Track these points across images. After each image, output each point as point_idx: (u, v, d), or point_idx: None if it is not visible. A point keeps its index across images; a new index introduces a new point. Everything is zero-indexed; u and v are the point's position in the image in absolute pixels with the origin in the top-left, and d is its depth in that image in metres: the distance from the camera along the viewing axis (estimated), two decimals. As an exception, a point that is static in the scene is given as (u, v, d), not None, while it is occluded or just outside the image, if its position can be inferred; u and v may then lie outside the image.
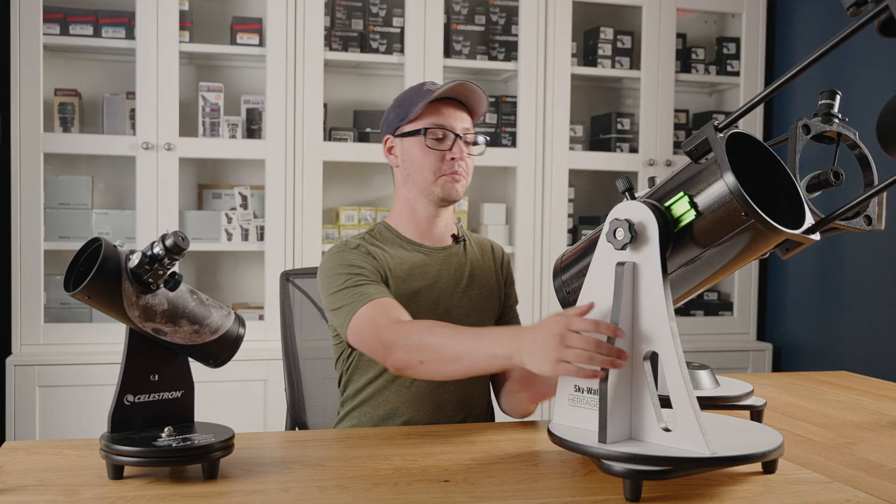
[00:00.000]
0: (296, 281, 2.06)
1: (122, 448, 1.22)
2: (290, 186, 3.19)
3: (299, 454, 1.44)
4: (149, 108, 3.07)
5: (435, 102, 1.71)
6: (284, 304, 2.05)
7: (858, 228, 1.35)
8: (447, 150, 1.70)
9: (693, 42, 3.76)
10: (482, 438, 1.52)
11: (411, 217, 1.78)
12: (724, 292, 3.79)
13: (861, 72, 3.25)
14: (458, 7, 3.40)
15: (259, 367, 3.10)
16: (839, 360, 3.33)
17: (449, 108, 1.72)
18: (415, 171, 1.73)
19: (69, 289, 1.23)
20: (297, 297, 2.06)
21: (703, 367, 1.65)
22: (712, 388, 1.63)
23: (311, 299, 2.06)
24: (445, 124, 1.70)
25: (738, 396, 1.60)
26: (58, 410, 2.95)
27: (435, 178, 1.71)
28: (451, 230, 1.83)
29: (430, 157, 1.70)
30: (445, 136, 1.71)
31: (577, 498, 1.20)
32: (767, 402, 1.91)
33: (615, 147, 3.57)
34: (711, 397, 1.59)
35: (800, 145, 1.33)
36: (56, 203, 3.13)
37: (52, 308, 3.15)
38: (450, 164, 1.70)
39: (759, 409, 1.64)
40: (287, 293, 2.05)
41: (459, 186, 1.73)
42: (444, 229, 1.80)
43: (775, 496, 1.22)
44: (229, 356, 1.37)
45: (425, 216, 1.77)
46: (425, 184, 1.72)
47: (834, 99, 1.40)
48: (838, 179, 1.35)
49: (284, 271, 2.10)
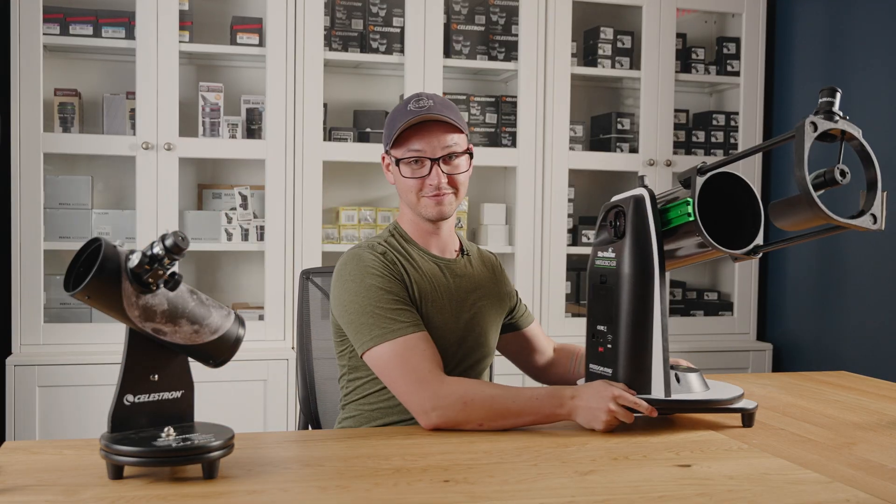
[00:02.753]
0: (315, 280, 2.09)
1: (122, 448, 1.22)
2: (290, 186, 3.19)
3: (299, 454, 1.44)
4: (149, 108, 3.07)
5: (414, 126, 1.71)
6: (302, 301, 2.08)
7: (864, 227, 1.38)
8: (426, 175, 1.73)
9: (693, 42, 3.76)
10: (482, 438, 1.52)
11: (416, 227, 1.81)
12: (724, 292, 3.79)
13: (861, 71, 3.25)
14: (458, 7, 3.40)
15: (259, 367, 3.10)
16: (839, 360, 3.33)
17: (424, 133, 1.72)
18: (403, 192, 1.78)
19: (69, 289, 1.23)
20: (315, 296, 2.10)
21: (692, 370, 1.64)
22: (702, 392, 1.62)
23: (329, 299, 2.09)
24: (420, 150, 1.72)
25: (729, 400, 1.59)
26: (58, 410, 2.95)
27: (418, 201, 1.75)
28: (455, 243, 1.87)
29: (410, 182, 1.74)
30: (423, 163, 1.72)
31: (577, 498, 1.20)
32: (765, 402, 1.90)
33: (615, 147, 3.57)
34: (702, 401, 1.59)
35: (808, 143, 1.35)
36: (56, 203, 3.13)
37: (52, 308, 3.15)
38: (430, 188, 1.73)
39: (751, 413, 1.62)
40: (306, 291, 2.08)
41: (445, 206, 1.75)
42: (447, 240, 1.84)
43: (775, 496, 1.22)
44: (229, 356, 1.37)
45: (427, 228, 1.81)
46: (412, 205, 1.77)
47: (834, 96, 1.40)
48: (844, 177, 1.37)
49: (304, 270, 2.12)
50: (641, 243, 1.57)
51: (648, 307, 1.56)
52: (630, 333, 1.57)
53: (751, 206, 1.58)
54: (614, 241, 1.60)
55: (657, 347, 1.57)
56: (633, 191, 1.62)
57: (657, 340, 1.57)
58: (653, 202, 1.59)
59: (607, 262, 1.61)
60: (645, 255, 1.57)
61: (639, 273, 1.56)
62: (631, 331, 1.57)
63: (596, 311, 1.64)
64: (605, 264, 1.62)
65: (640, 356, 1.57)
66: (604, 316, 1.62)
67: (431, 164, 1.72)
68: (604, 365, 1.62)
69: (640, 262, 1.56)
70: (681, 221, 1.55)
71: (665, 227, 1.59)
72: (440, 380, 1.58)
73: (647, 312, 1.56)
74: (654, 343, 1.57)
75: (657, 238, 1.57)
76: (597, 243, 1.66)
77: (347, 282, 1.70)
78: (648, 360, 1.57)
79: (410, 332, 1.63)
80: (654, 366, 1.56)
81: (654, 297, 1.56)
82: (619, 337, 1.58)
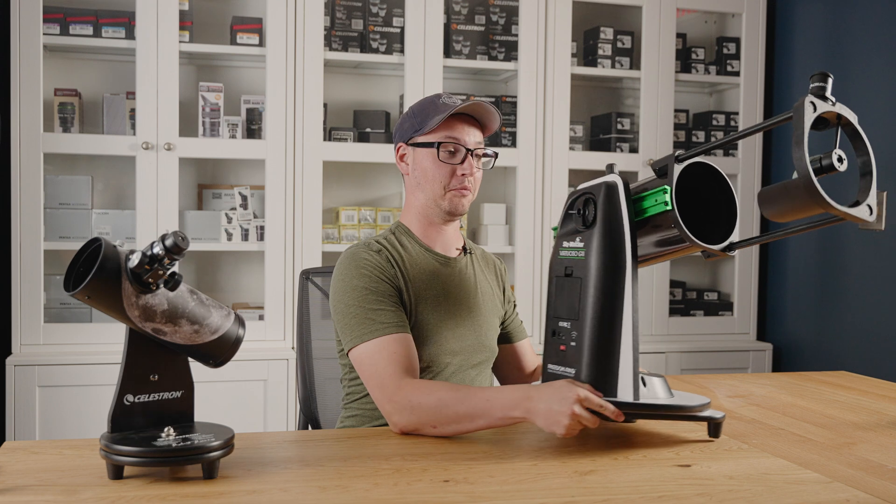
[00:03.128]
0: (315, 280, 2.09)
1: (122, 448, 1.22)
2: (290, 186, 3.19)
3: (299, 454, 1.44)
4: (149, 108, 3.07)
5: (450, 117, 1.75)
6: (302, 301, 2.09)
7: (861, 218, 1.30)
8: (458, 164, 1.74)
9: (693, 42, 3.76)
10: (482, 438, 1.52)
11: (422, 223, 1.81)
12: (724, 292, 3.79)
13: (861, 71, 3.25)
14: (458, 7, 3.40)
15: (259, 367, 3.10)
16: (839, 360, 3.33)
17: (462, 124, 1.76)
18: (426, 181, 1.77)
19: (69, 289, 1.23)
20: (315, 296, 2.09)
21: (656, 374, 1.53)
22: (668, 398, 1.50)
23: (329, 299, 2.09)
24: (459, 139, 1.74)
25: (698, 407, 1.48)
26: (58, 410, 2.95)
27: (444, 192, 1.76)
28: (459, 241, 1.87)
29: (441, 170, 1.74)
30: (457, 151, 1.74)
31: (577, 498, 1.20)
32: (765, 402, 1.90)
33: (615, 147, 3.57)
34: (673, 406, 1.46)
35: (808, 121, 1.27)
36: (56, 203, 3.13)
37: (52, 308, 3.15)
38: (459, 179, 1.74)
39: (718, 422, 1.53)
40: (305, 291, 2.08)
41: (465, 201, 1.77)
42: (452, 239, 1.84)
43: (775, 496, 1.22)
44: (229, 356, 1.37)
45: (435, 224, 1.81)
46: (434, 196, 1.77)
47: (826, 81, 1.31)
48: (842, 163, 1.28)
49: (304, 270, 2.12)
50: (613, 233, 1.46)
51: (618, 303, 1.44)
52: (597, 331, 1.44)
53: (725, 200, 1.50)
54: (582, 230, 1.49)
55: (626, 347, 1.44)
56: (605, 177, 1.51)
57: (627, 339, 1.44)
58: (626, 190, 1.49)
59: (574, 253, 1.50)
60: (616, 246, 1.46)
61: (609, 265, 1.45)
62: (598, 328, 1.44)
63: (558, 306, 1.51)
64: (572, 255, 1.50)
65: (607, 356, 1.44)
66: (567, 311, 1.49)
67: (466, 153, 1.74)
68: (565, 365, 1.48)
69: (611, 253, 1.45)
70: (656, 211, 1.45)
71: (638, 217, 1.48)
72: (397, 385, 1.56)
73: (616, 308, 1.44)
74: (622, 342, 1.44)
75: (630, 228, 1.47)
76: (563, 233, 1.54)
77: (337, 281, 1.72)
78: (616, 360, 1.44)
79: (385, 333, 1.63)
80: (623, 367, 1.44)
81: (626, 291, 1.45)
82: (584, 334, 1.44)
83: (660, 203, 1.44)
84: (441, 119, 1.72)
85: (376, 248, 1.74)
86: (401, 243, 1.79)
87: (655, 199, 1.45)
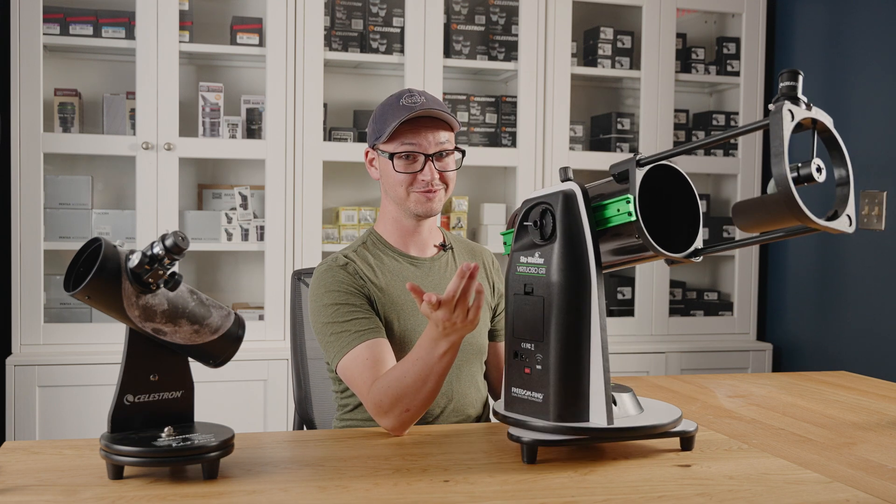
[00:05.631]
0: (307, 280, 2.08)
1: (122, 448, 1.22)
2: (290, 186, 3.19)
3: (299, 454, 1.44)
4: (149, 108, 3.07)
5: (411, 120, 1.70)
6: (295, 302, 2.08)
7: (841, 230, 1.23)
8: (418, 171, 1.72)
9: (693, 42, 3.76)
10: (482, 438, 1.52)
11: (396, 227, 1.80)
12: (724, 292, 3.79)
13: (861, 71, 3.25)
14: (458, 7, 3.40)
15: (259, 367, 3.10)
16: (839, 360, 3.33)
17: (421, 128, 1.71)
18: (390, 188, 1.76)
19: (69, 289, 1.23)
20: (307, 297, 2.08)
21: (624, 389, 1.46)
22: (638, 414, 1.44)
23: None
24: (416, 144, 1.71)
25: (671, 423, 1.41)
26: (58, 410, 2.95)
27: (408, 195, 1.74)
28: (436, 238, 1.85)
29: (401, 177, 1.73)
30: (416, 158, 1.72)
31: (577, 498, 1.20)
32: (765, 402, 1.91)
33: (615, 147, 3.57)
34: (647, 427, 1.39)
35: (787, 132, 1.18)
36: (56, 203, 3.13)
37: (52, 308, 3.15)
38: (422, 184, 1.72)
39: (690, 436, 1.46)
40: (298, 292, 2.07)
41: (435, 203, 1.74)
42: (427, 238, 1.82)
43: (775, 496, 1.22)
44: (229, 356, 1.37)
45: (408, 227, 1.80)
46: (400, 200, 1.76)
47: (796, 80, 1.21)
48: (820, 173, 1.18)
49: (296, 270, 2.12)
50: (575, 247, 1.37)
51: (585, 321, 1.36)
52: (563, 353, 1.36)
53: (688, 201, 1.43)
54: (541, 244, 1.40)
55: (596, 367, 1.36)
56: (561, 185, 1.42)
57: (596, 359, 1.36)
58: (585, 198, 1.39)
59: (534, 270, 1.40)
60: (579, 261, 1.37)
61: (573, 281, 1.36)
62: (564, 349, 1.36)
63: (519, 327, 1.41)
64: (531, 271, 1.40)
65: (576, 379, 1.36)
66: (530, 332, 1.39)
67: (425, 159, 1.72)
68: (531, 389, 1.40)
69: (575, 268, 1.36)
70: (619, 221, 1.36)
71: (599, 227, 1.40)
72: (368, 391, 1.59)
73: (583, 327, 1.36)
74: (592, 363, 1.37)
75: (593, 239, 1.38)
76: (518, 246, 1.44)
77: (311, 302, 1.74)
78: (586, 382, 1.37)
79: (358, 342, 1.64)
80: (594, 389, 1.36)
81: (592, 308, 1.37)
82: (550, 357, 1.36)
83: (623, 213, 1.35)
84: (393, 128, 1.69)
85: (342, 263, 1.74)
86: (372, 254, 1.77)
87: (618, 208, 1.36)
